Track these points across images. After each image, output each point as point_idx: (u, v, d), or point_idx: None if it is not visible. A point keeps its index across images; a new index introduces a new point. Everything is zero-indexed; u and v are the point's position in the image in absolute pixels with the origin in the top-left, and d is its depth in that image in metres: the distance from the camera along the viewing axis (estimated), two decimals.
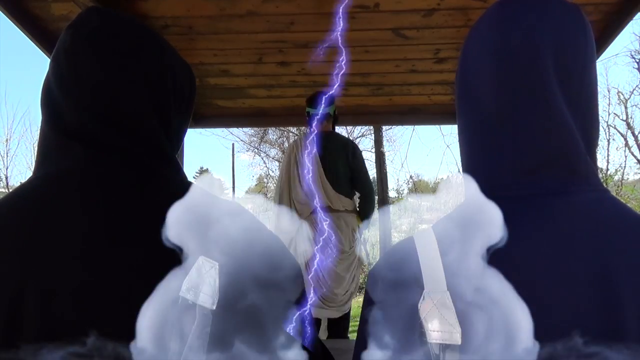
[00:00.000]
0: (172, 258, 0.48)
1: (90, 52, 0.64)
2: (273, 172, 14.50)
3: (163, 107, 0.68)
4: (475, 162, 0.63)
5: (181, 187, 0.66)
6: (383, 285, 0.55)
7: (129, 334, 0.46)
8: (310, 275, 2.81)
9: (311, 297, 2.66)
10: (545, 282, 0.52)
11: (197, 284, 0.46)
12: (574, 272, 0.51)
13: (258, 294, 0.51)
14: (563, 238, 0.53)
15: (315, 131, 2.90)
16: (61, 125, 0.63)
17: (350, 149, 2.98)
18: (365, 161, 3.22)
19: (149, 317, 0.47)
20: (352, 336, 3.36)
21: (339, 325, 3.06)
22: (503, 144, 0.59)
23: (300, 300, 0.60)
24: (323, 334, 3.20)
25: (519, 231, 0.53)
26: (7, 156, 11.87)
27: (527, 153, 0.57)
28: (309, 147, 2.91)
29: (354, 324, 3.63)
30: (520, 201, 0.57)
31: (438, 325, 0.48)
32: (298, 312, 0.57)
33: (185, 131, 0.76)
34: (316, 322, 3.08)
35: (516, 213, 0.55)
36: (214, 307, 0.45)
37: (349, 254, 2.94)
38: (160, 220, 0.58)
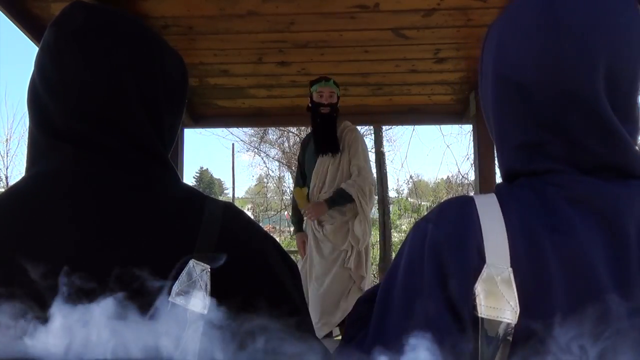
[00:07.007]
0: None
1: (74, 50, 0.61)
2: (273, 172, 14.48)
3: (153, 103, 0.66)
4: (520, 155, 0.59)
5: (176, 187, 0.65)
6: (438, 235, 0.52)
7: None
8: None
9: None
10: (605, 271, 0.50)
11: (188, 288, 0.46)
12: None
13: None
14: (625, 225, 0.51)
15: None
16: (49, 127, 0.61)
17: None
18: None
19: None
20: None
21: None
22: (553, 148, 0.56)
23: None
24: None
25: (578, 216, 0.51)
26: (7, 156, 11.88)
27: (582, 159, 0.55)
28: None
29: None
30: (578, 190, 0.54)
31: (495, 302, 0.47)
32: None
33: (178, 128, 0.74)
34: None
35: (573, 198, 0.53)
36: (205, 312, 0.45)
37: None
38: (154, 220, 0.58)
